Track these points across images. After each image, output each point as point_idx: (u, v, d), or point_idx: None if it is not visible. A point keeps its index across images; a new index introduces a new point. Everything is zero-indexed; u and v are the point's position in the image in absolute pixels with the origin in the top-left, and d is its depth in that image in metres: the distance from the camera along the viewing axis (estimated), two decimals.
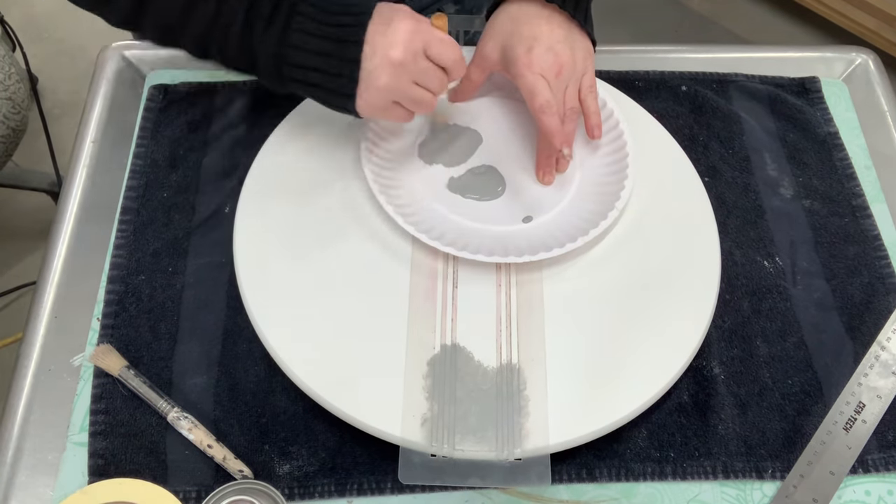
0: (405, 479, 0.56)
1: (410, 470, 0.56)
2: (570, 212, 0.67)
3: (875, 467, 0.61)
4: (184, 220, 0.69)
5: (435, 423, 0.57)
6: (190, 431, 0.58)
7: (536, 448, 0.56)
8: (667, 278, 0.65)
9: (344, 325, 0.61)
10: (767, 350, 0.65)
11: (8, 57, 1.26)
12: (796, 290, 0.69)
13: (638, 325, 0.62)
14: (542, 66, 0.64)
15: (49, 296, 0.66)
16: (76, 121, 0.77)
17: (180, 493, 0.56)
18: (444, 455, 0.56)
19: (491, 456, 0.56)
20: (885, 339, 0.66)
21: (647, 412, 0.60)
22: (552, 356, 0.60)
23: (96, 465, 0.58)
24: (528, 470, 0.56)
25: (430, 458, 0.56)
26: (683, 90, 0.80)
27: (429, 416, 0.57)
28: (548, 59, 0.64)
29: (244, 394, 0.61)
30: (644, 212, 0.68)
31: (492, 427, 0.57)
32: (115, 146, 0.74)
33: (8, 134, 1.22)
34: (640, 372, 0.60)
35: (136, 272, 0.66)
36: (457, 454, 0.56)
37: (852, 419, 0.62)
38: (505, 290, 0.63)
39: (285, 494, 0.55)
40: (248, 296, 0.62)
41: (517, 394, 0.58)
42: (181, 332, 0.64)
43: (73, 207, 0.70)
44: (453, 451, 0.56)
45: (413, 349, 0.60)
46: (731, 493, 0.59)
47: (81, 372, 0.62)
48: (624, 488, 0.59)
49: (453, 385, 0.59)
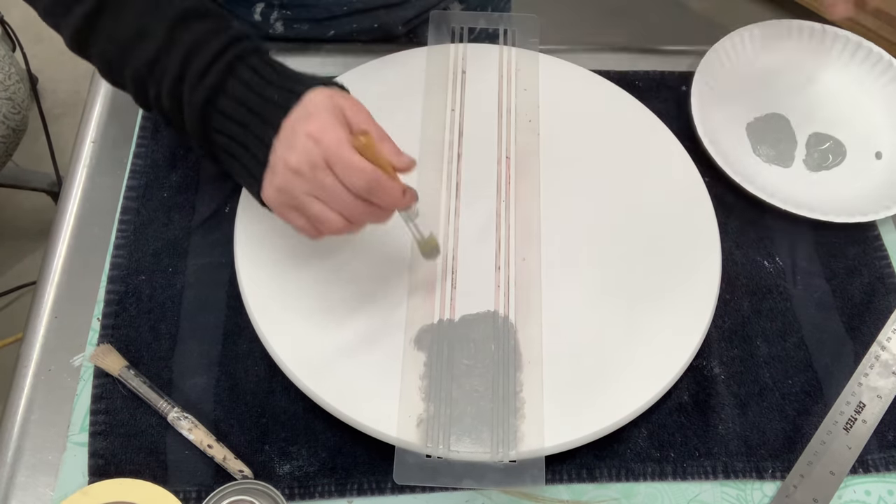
0: (400, 480, 0.56)
1: (405, 470, 0.56)
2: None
3: (875, 467, 0.61)
4: (184, 220, 0.69)
5: (430, 424, 0.57)
6: (190, 431, 0.58)
7: (531, 450, 0.56)
8: (667, 278, 0.65)
9: (344, 326, 0.61)
10: (767, 350, 0.65)
11: (8, 57, 1.26)
12: (796, 289, 0.69)
13: (638, 325, 0.62)
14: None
15: (49, 296, 0.66)
16: (76, 121, 0.77)
17: (180, 494, 0.56)
18: (438, 456, 0.56)
19: (485, 457, 0.56)
20: (886, 339, 0.66)
21: (647, 412, 0.60)
22: (549, 358, 0.60)
23: (96, 465, 0.58)
24: (522, 472, 0.56)
25: (425, 458, 0.56)
26: (683, 90, 0.80)
27: (424, 416, 0.57)
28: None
29: (244, 394, 0.61)
30: (644, 212, 0.68)
31: (487, 429, 0.57)
32: (115, 146, 0.74)
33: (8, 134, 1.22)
34: (640, 372, 0.60)
35: (137, 272, 0.66)
36: (452, 455, 0.56)
37: (852, 419, 0.62)
38: (503, 291, 0.63)
39: (285, 494, 0.55)
40: (248, 296, 0.62)
41: (513, 396, 0.58)
42: (181, 332, 0.64)
43: (73, 207, 0.70)
44: (448, 452, 0.56)
45: (410, 350, 0.60)
46: (732, 493, 0.59)
47: (81, 372, 0.62)
48: (624, 488, 0.59)
49: (449, 386, 0.59)
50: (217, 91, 0.52)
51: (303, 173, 0.50)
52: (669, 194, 0.70)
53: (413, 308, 0.62)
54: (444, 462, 0.56)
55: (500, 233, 0.67)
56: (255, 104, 0.52)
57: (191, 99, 0.52)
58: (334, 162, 0.50)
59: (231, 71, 0.52)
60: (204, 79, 0.52)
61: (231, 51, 0.53)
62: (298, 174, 0.51)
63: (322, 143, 0.50)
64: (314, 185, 0.51)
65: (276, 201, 0.53)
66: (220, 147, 0.54)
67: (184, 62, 0.52)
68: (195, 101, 0.52)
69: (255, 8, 0.80)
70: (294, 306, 0.61)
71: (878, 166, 0.77)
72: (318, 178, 0.51)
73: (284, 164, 0.51)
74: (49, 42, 1.75)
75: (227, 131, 0.53)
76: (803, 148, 0.78)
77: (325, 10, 0.79)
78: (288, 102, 0.51)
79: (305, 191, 0.51)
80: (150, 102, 0.55)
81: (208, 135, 0.54)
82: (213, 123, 0.53)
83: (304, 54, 0.81)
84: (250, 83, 0.52)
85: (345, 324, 0.61)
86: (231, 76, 0.52)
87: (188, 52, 0.52)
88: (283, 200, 0.53)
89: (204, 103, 0.52)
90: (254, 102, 0.52)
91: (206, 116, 0.53)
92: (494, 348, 0.60)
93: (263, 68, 0.53)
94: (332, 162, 0.50)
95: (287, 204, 0.53)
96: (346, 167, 0.50)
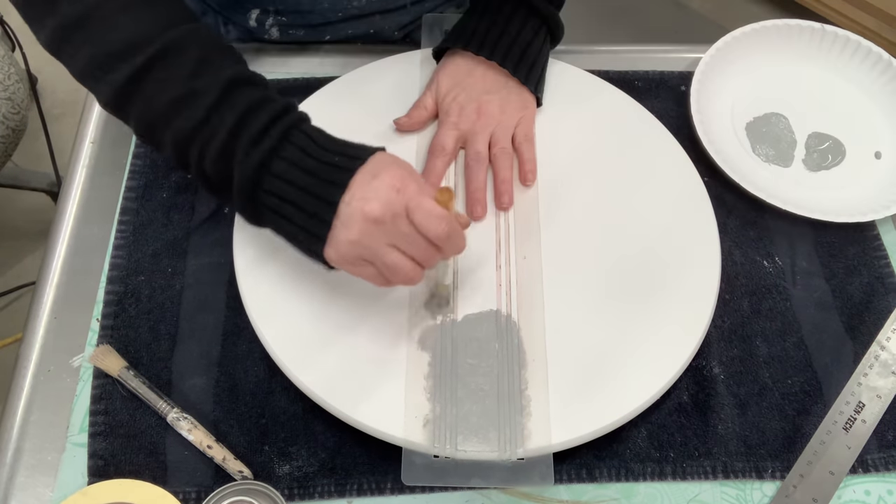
0: (408, 481, 0.56)
1: (413, 471, 0.56)
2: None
3: (875, 467, 0.61)
4: (183, 220, 0.69)
5: (437, 424, 0.57)
6: (189, 432, 0.58)
7: (539, 448, 0.56)
8: (667, 278, 0.65)
9: (344, 326, 0.61)
10: (767, 350, 0.65)
11: (8, 57, 1.26)
12: (796, 289, 0.69)
13: (638, 324, 0.62)
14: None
15: (48, 296, 0.66)
16: (76, 121, 0.76)
17: (180, 494, 0.56)
18: (446, 456, 0.56)
19: (493, 456, 0.56)
20: (885, 339, 0.66)
21: (647, 412, 0.60)
22: (553, 356, 0.60)
23: (96, 466, 0.58)
24: (530, 470, 0.56)
25: (432, 459, 0.56)
26: (683, 90, 0.80)
27: (430, 416, 0.57)
28: (469, 107, 0.69)
29: (244, 394, 0.61)
30: (644, 211, 0.68)
31: (494, 427, 0.57)
32: (115, 146, 0.74)
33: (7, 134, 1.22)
34: (640, 372, 0.60)
35: (136, 273, 0.66)
36: (459, 455, 0.56)
37: (852, 419, 0.62)
38: (506, 289, 0.63)
39: (285, 495, 0.55)
40: (247, 296, 0.62)
41: (519, 394, 0.58)
42: (181, 333, 0.63)
43: (73, 208, 0.70)
44: (455, 451, 0.56)
45: (414, 349, 0.60)
46: (731, 493, 0.59)
47: (81, 373, 0.62)
48: (624, 488, 0.59)
49: (454, 386, 0.59)
50: (272, 155, 0.53)
51: (384, 222, 0.52)
52: (669, 194, 0.70)
53: (415, 308, 0.62)
54: (452, 462, 0.56)
55: (501, 232, 0.67)
56: (313, 167, 0.53)
57: (244, 161, 0.53)
58: (415, 210, 0.52)
59: (286, 136, 0.53)
60: (259, 143, 0.53)
61: (285, 118, 0.54)
62: (379, 224, 0.52)
63: (404, 191, 0.52)
64: (394, 234, 0.53)
65: (349, 254, 0.54)
66: (270, 208, 0.54)
67: (237, 125, 0.53)
68: (249, 164, 0.53)
69: (251, 14, 0.80)
70: (294, 307, 0.61)
71: (878, 166, 0.77)
72: (398, 227, 0.53)
73: (364, 217, 0.52)
74: None
75: (280, 193, 0.53)
76: (803, 148, 0.78)
77: (320, 16, 0.79)
78: (352, 164, 0.53)
79: (384, 241, 0.53)
80: (190, 163, 0.55)
81: (258, 197, 0.54)
82: (264, 186, 0.53)
83: (301, 55, 0.81)
84: (306, 149, 0.53)
85: (346, 324, 0.61)
86: (286, 141, 0.53)
87: (243, 116, 0.53)
88: (357, 253, 0.53)
89: (258, 166, 0.53)
90: (312, 166, 0.53)
91: (259, 179, 0.53)
92: (498, 347, 0.60)
93: (318, 136, 0.54)
94: (413, 210, 0.52)
95: (360, 256, 0.54)
96: (427, 214, 0.52)
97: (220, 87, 0.53)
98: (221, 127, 0.53)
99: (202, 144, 0.53)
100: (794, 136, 0.78)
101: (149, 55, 0.53)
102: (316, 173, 0.53)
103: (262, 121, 0.53)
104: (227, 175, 0.54)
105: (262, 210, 0.55)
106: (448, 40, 0.73)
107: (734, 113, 0.79)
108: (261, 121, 0.53)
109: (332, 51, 0.82)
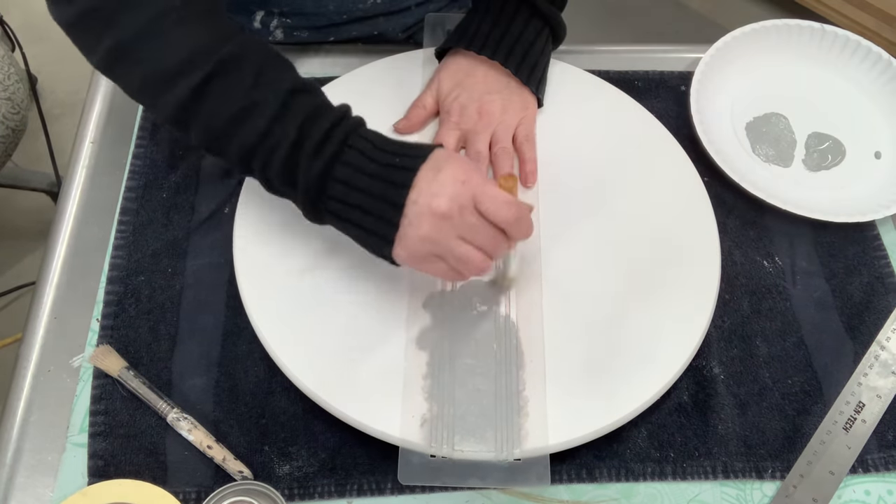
0: (404, 480, 0.56)
1: (410, 470, 0.56)
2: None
3: (875, 467, 0.61)
4: (183, 220, 0.69)
5: (434, 424, 0.57)
6: (189, 432, 0.58)
7: (536, 448, 0.56)
8: (667, 278, 0.65)
9: (343, 326, 0.61)
10: (767, 350, 0.65)
11: (7, 57, 1.26)
12: (796, 289, 0.69)
13: (638, 325, 0.62)
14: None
15: (48, 296, 0.66)
16: (76, 121, 0.76)
17: (180, 494, 0.56)
18: (443, 456, 0.56)
19: (490, 456, 0.56)
20: (885, 339, 0.66)
21: (647, 412, 0.60)
22: (551, 357, 0.60)
23: (96, 466, 0.58)
24: (527, 470, 0.56)
25: (429, 458, 0.56)
26: (682, 90, 0.80)
27: (428, 416, 0.57)
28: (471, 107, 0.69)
29: (244, 394, 0.61)
30: (644, 211, 0.68)
31: (491, 428, 0.57)
32: (115, 146, 0.74)
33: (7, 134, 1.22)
34: (640, 372, 0.60)
35: (136, 273, 0.66)
36: (456, 455, 0.56)
37: (852, 419, 0.62)
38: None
39: (285, 495, 0.55)
40: (247, 296, 0.61)
41: (516, 394, 0.58)
42: (181, 333, 0.63)
43: (73, 208, 0.70)
44: (452, 451, 0.56)
45: (412, 349, 0.60)
46: (731, 493, 0.59)
47: (81, 373, 0.62)
48: (624, 488, 0.59)
49: (452, 386, 0.59)
50: (334, 160, 0.54)
51: (452, 216, 0.53)
52: (668, 194, 0.70)
53: (414, 308, 0.62)
54: (449, 462, 0.56)
55: None
56: (375, 171, 0.53)
57: (308, 168, 0.54)
58: (482, 198, 0.53)
59: (347, 141, 0.54)
60: (321, 150, 0.53)
61: (344, 124, 0.55)
62: (447, 218, 0.53)
63: (469, 182, 0.53)
64: (463, 227, 0.53)
65: (420, 252, 0.54)
66: (334, 214, 0.55)
67: (299, 134, 0.54)
68: (312, 172, 0.54)
69: (256, 16, 0.80)
70: (294, 307, 0.61)
71: (878, 166, 0.77)
72: (465, 219, 0.53)
73: (432, 213, 0.52)
74: (48, 42, 1.75)
75: (344, 198, 0.54)
76: (802, 148, 0.78)
77: (324, 18, 0.80)
78: (414, 164, 0.54)
79: (454, 234, 0.54)
80: (254, 169, 0.56)
81: (323, 203, 0.55)
82: (328, 192, 0.54)
83: (304, 55, 0.81)
84: (367, 152, 0.54)
85: (345, 324, 0.61)
86: (347, 146, 0.54)
87: (303, 124, 0.54)
88: (428, 250, 0.54)
89: (321, 174, 0.53)
90: (374, 169, 0.53)
91: (323, 186, 0.54)
92: (496, 347, 0.60)
93: (376, 139, 0.55)
94: (480, 199, 0.53)
95: (431, 252, 0.54)
96: (494, 201, 0.53)
97: (279, 97, 0.54)
98: (284, 137, 0.54)
99: (266, 154, 0.54)
100: (793, 135, 0.78)
101: (207, 71, 0.53)
102: (379, 176, 0.53)
103: (323, 128, 0.54)
104: (292, 181, 0.55)
105: (326, 215, 0.56)
106: (450, 40, 0.73)
107: (734, 113, 0.79)
108: (321, 128, 0.54)
109: (335, 51, 0.82)
